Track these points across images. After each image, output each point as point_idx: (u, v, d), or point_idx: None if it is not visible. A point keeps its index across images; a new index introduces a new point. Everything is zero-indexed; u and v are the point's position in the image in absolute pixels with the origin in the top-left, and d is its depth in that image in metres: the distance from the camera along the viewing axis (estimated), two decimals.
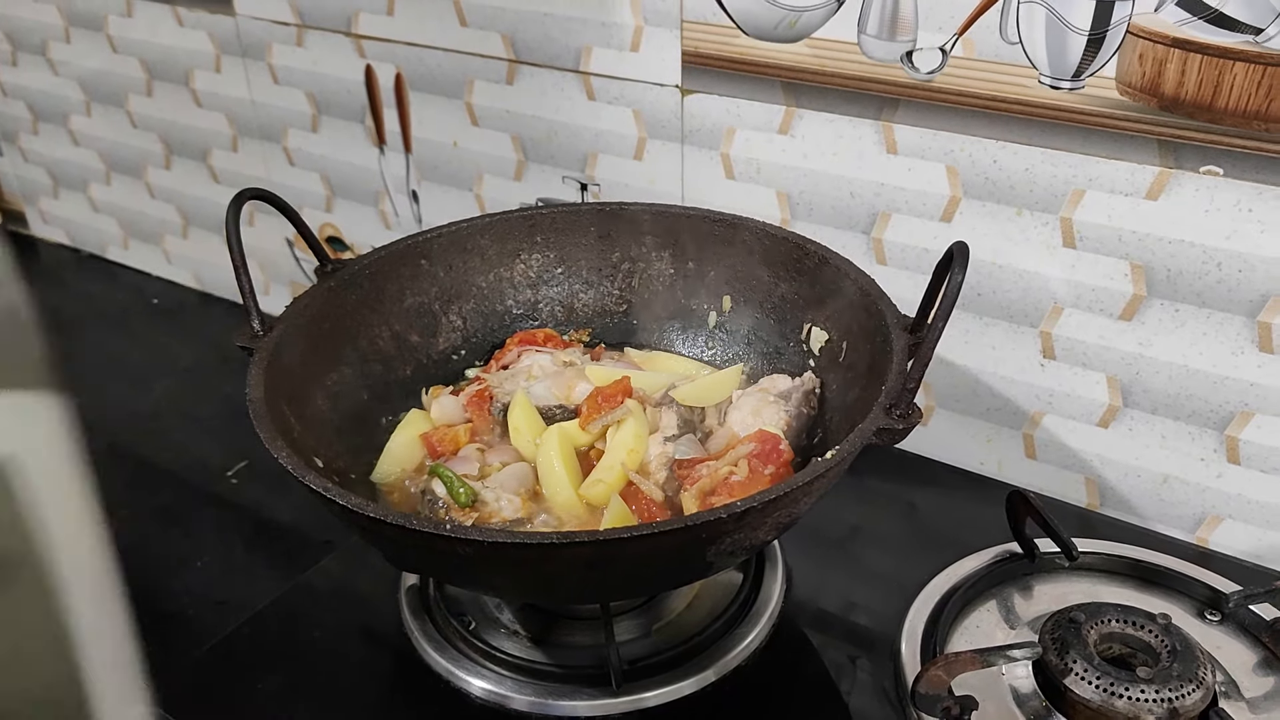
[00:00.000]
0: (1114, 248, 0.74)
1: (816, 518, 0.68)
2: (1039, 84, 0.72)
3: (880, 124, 0.79)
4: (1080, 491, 0.84)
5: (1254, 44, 0.64)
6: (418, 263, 0.80)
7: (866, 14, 0.76)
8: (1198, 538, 0.80)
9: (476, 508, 0.67)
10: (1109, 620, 0.65)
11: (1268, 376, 0.72)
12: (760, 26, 0.81)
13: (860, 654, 0.70)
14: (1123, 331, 0.76)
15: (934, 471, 0.89)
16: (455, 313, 0.82)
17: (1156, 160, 0.70)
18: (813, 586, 0.76)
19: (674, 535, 0.52)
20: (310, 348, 0.71)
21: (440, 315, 0.81)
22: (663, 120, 0.90)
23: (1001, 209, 0.77)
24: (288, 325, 0.69)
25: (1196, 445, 0.77)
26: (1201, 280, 0.72)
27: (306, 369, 0.70)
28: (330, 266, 0.75)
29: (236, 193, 0.69)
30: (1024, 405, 0.83)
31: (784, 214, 0.88)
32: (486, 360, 0.83)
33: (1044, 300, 0.79)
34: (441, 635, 0.70)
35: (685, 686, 0.66)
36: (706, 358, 0.83)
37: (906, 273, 0.83)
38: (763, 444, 0.68)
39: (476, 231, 0.82)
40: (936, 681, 0.61)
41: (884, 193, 0.82)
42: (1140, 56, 0.67)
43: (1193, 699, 0.59)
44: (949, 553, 0.75)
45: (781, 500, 0.54)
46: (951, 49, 0.74)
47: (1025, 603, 0.72)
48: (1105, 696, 0.60)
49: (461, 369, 0.82)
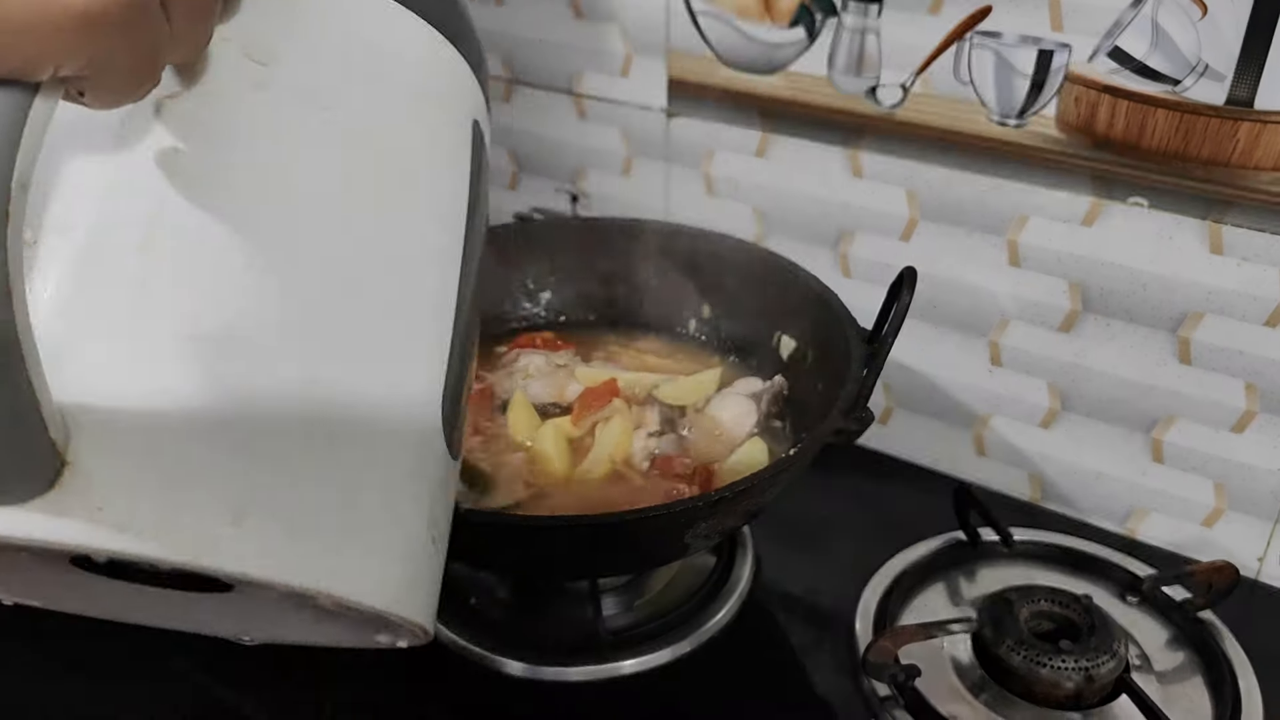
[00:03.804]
0: (1054, 268, 0.82)
1: (784, 508, 0.75)
2: (989, 120, 0.79)
3: (848, 150, 0.87)
4: (1025, 486, 0.92)
5: (1173, 93, 0.72)
6: None
7: (836, 52, 0.84)
8: (1127, 528, 0.88)
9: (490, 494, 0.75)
10: (1038, 600, 0.73)
11: (1186, 385, 0.80)
12: (739, 59, 0.89)
13: (820, 629, 0.78)
14: (1061, 343, 0.84)
15: (892, 467, 0.97)
16: None
17: (1090, 191, 0.78)
18: (779, 569, 0.83)
19: (656, 519, 0.60)
20: None
21: None
22: (649, 140, 0.97)
23: (955, 230, 0.85)
24: None
25: (1126, 445, 0.85)
26: (1130, 298, 0.80)
27: None
28: None
29: None
30: (974, 407, 0.92)
31: (759, 229, 0.95)
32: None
33: (992, 313, 0.87)
34: (443, 608, 0.77)
35: (663, 655, 0.73)
36: (687, 360, 0.91)
37: (869, 285, 0.91)
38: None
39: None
40: (884, 651, 0.69)
41: (850, 212, 0.89)
42: (1076, 99, 0.75)
43: (1106, 669, 0.68)
44: (903, 540, 0.82)
45: (750, 490, 0.61)
46: (911, 86, 0.82)
47: (968, 584, 0.80)
48: (1031, 666, 0.68)
49: None
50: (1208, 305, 0.76)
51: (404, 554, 0.35)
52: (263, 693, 0.72)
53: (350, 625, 0.38)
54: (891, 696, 0.69)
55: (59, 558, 0.33)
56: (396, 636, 0.40)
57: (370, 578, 0.33)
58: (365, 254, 0.34)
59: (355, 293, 0.33)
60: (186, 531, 0.28)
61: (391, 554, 0.34)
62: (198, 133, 0.31)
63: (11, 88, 0.25)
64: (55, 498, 0.27)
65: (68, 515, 0.27)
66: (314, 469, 0.32)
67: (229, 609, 0.39)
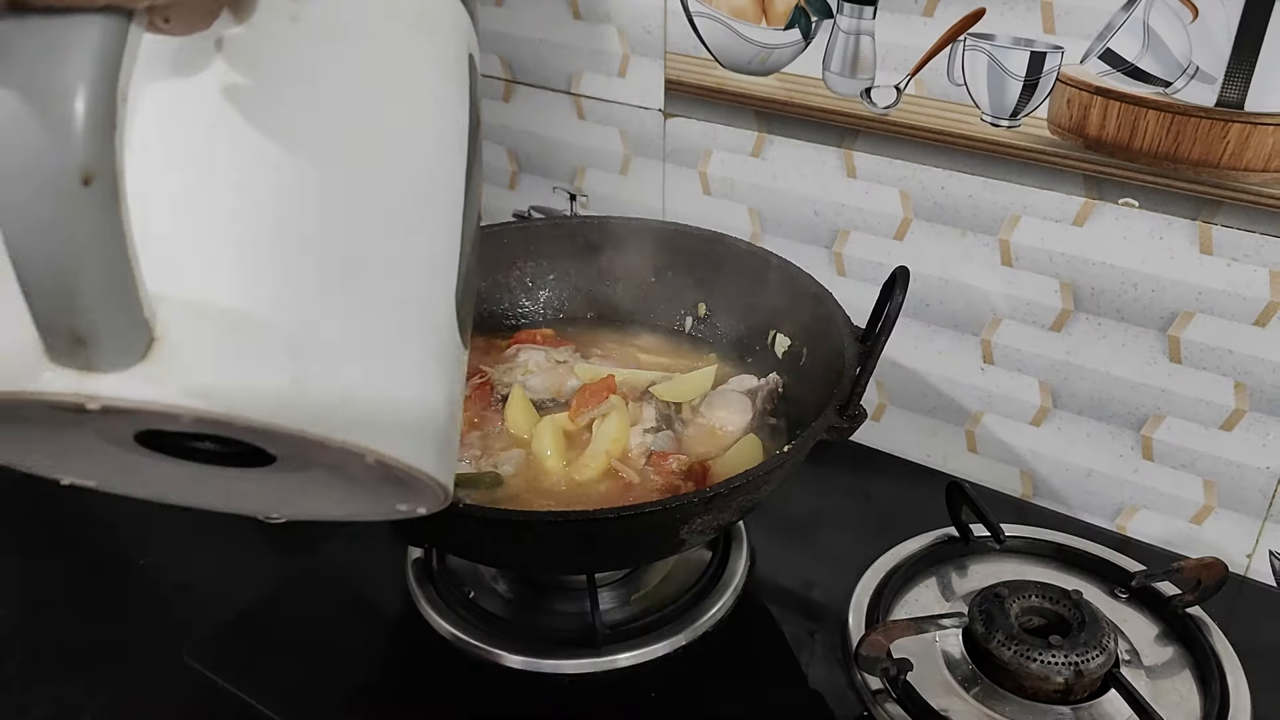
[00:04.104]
0: (1046, 267, 0.83)
1: (779, 503, 0.76)
2: (981, 121, 0.80)
3: (842, 151, 0.88)
4: (1016, 483, 0.94)
5: (1164, 95, 0.73)
6: None
7: (831, 54, 0.85)
8: (1117, 525, 0.89)
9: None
10: (1029, 595, 0.74)
11: (1176, 383, 0.81)
12: (736, 60, 0.90)
13: (813, 623, 0.79)
14: (1053, 341, 0.85)
15: (886, 463, 0.98)
16: None
17: (1082, 192, 0.79)
18: (773, 564, 0.84)
19: (652, 515, 0.61)
20: None
21: None
22: (646, 140, 0.98)
23: (948, 230, 0.86)
24: None
25: (1116, 443, 0.86)
26: (1120, 298, 0.81)
27: None
28: None
29: None
30: (966, 405, 0.93)
31: (755, 228, 0.96)
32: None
33: (984, 312, 0.88)
34: (444, 602, 0.78)
35: (659, 648, 0.74)
36: (683, 358, 0.92)
37: (863, 284, 0.92)
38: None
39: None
40: (876, 645, 0.69)
41: (844, 212, 0.90)
42: (1068, 101, 0.76)
43: (1096, 663, 0.69)
44: (895, 535, 0.83)
45: (744, 487, 0.62)
46: (905, 88, 0.83)
47: (960, 580, 0.81)
48: (1022, 661, 0.69)
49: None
50: (1197, 305, 0.77)
51: (434, 423, 0.40)
52: (263, 683, 0.73)
53: (375, 495, 0.43)
54: (884, 690, 0.70)
55: (125, 434, 0.39)
56: (416, 504, 0.44)
57: (409, 439, 0.38)
58: (389, 164, 0.40)
59: (383, 195, 0.39)
60: (259, 394, 0.34)
61: (424, 421, 0.39)
62: (245, 58, 0.37)
63: (116, 14, 0.29)
64: (148, 366, 0.32)
65: (160, 382, 0.32)
66: (359, 342, 0.37)
67: (264, 485, 0.44)
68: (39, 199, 0.29)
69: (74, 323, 0.31)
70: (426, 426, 0.39)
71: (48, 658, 0.77)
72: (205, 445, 0.40)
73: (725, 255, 0.88)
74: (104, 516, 0.91)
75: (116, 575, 0.85)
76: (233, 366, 0.33)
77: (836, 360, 0.73)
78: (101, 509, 0.92)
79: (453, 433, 0.42)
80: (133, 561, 0.86)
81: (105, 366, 0.32)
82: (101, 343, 0.31)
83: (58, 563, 0.86)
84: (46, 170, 0.29)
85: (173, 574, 0.84)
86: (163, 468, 0.42)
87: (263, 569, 0.84)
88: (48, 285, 0.30)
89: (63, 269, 0.30)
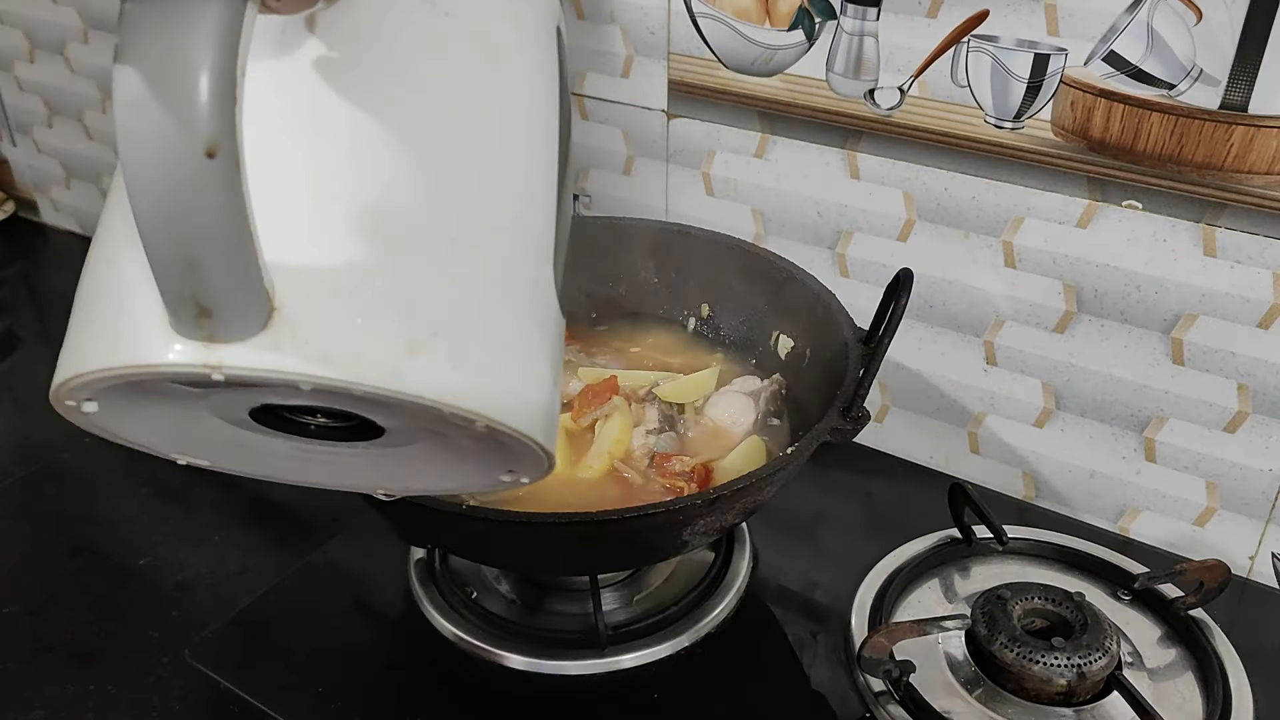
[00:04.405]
0: (1049, 269, 0.83)
1: (783, 505, 0.76)
2: (985, 123, 0.80)
3: (845, 152, 0.88)
4: (1018, 484, 0.94)
5: (1168, 97, 0.73)
6: None
7: (834, 55, 0.85)
8: (1119, 527, 0.89)
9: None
10: (1031, 597, 0.74)
11: (1179, 385, 0.81)
12: (739, 61, 0.90)
13: (816, 624, 0.79)
14: (1056, 343, 0.85)
15: (888, 464, 0.98)
16: None
17: (1085, 194, 0.79)
18: (776, 565, 0.84)
19: (655, 516, 0.61)
20: None
21: None
22: (650, 140, 0.98)
23: (951, 231, 0.86)
24: None
25: (1119, 445, 0.86)
26: (1123, 300, 0.81)
27: None
28: None
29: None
30: (969, 406, 0.93)
31: (758, 229, 0.96)
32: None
33: (987, 313, 0.88)
34: (447, 603, 0.78)
35: (662, 649, 0.75)
36: (686, 359, 0.92)
37: (866, 285, 0.92)
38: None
39: None
40: (879, 647, 0.69)
41: (847, 214, 0.90)
42: (1072, 103, 0.76)
43: (1098, 665, 0.69)
44: (898, 537, 0.83)
45: (747, 489, 0.62)
46: (909, 89, 0.82)
47: (963, 581, 0.81)
48: (1024, 663, 0.69)
49: None
50: (1201, 307, 0.77)
51: (539, 390, 0.41)
52: (264, 682, 0.73)
53: (480, 465, 0.44)
54: (886, 691, 0.70)
55: (240, 410, 0.40)
56: (520, 474, 0.45)
57: (514, 406, 0.39)
58: (488, 135, 0.41)
59: (481, 166, 0.40)
60: (374, 362, 0.34)
61: (531, 388, 0.40)
62: (344, 36, 0.38)
63: None
64: (269, 336, 0.33)
65: (281, 351, 0.33)
66: (467, 309, 0.38)
67: (373, 460, 0.45)
68: (167, 172, 0.30)
69: (199, 294, 0.32)
70: (533, 392, 0.40)
71: (49, 657, 0.77)
72: (316, 420, 0.41)
73: (728, 256, 0.88)
74: (105, 516, 0.91)
75: (117, 574, 0.85)
76: (349, 335, 0.34)
77: (839, 362, 0.73)
78: (102, 508, 0.92)
79: (555, 399, 0.43)
80: (134, 560, 0.86)
81: (229, 337, 0.33)
82: (225, 313, 0.32)
83: (59, 562, 0.86)
84: (173, 144, 0.30)
85: (174, 573, 0.84)
86: (274, 444, 0.43)
87: (264, 568, 0.84)
88: (174, 257, 0.31)
89: (189, 240, 0.31)
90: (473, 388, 0.37)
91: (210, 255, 0.31)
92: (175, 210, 0.30)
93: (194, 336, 0.33)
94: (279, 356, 0.33)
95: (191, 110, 0.30)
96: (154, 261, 0.31)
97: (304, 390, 0.34)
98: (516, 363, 0.40)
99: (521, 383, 0.40)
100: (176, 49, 0.30)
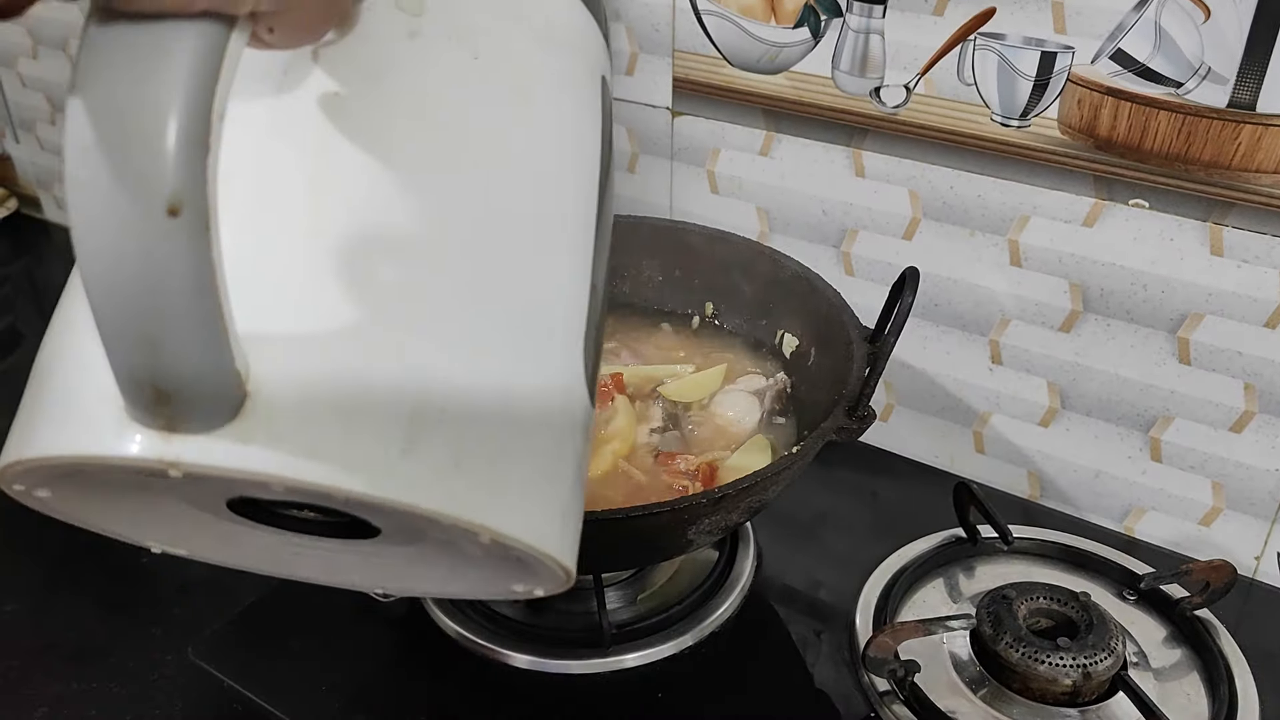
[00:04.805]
0: (1055, 268, 0.83)
1: (787, 504, 0.76)
2: (991, 121, 0.80)
3: (851, 150, 0.88)
4: (1023, 484, 0.93)
5: (1175, 95, 0.72)
6: None
7: (840, 52, 0.84)
8: (1125, 527, 0.89)
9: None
10: (1037, 597, 0.74)
11: (1185, 385, 0.81)
12: (744, 59, 0.89)
13: (820, 624, 0.79)
14: (1061, 342, 0.85)
15: (893, 463, 0.98)
16: None
17: (1092, 193, 0.79)
18: (781, 564, 0.84)
19: (660, 516, 0.61)
20: None
21: None
22: (654, 138, 0.98)
23: (957, 230, 0.86)
24: None
25: (1125, 444, 0.86)
26: (1130, 299, 0.80)
27: None
28: None
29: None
30: (974, 405, 0.92)
31: (763, 227, 0.96)
32: None
33: (993, 312, 0.87)
34: (450, 602, 0.78)
35: (666, 649, 0.74)
36: (690, 357, 0.91)
37: (871, 284, 0.92)
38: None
39: None
40: (884, 647, 0.69)
41: (853, 212, 0.90)
42: (1079, 101, 0.76)
43: (1104, 665, 0.68)
44: (903, 536, 0.83)
45: (753, 488, 0.62)
46: (915, 87, 0.82)
47: (968, 581, 0.81)
48: (1029, 663, 0.69)
49: None
50: (1207, 306, 0.77)
51: (556, 494, 0.35)
52: (268, 681, 0.73)
53: (489, 573, 0.39)
54: (891, 691, 0.70)
55: (217, 501, 0.35)
56: (534, 584, 0.39)
57: (529, 516, 0.34)
58: (515, 188, 0.36)
59: (507, 220, 0.35)
60: (360, 462, 0.29)
61: (545, 493, 0.35)
62: (358, 78, 0.34)
63: (214, 21, 0.26)
64: (239, 426, 0.28)
65: (252, 445, 0.28)
66: (476, 401, 0.33)
67: (370, 559, 0.40)
68: (120, 231, 0.25)
69: (156, 376, 0.27)
70: (548, 501, 0.35)
71: (51, 655, 0.77)
72: (304, 514, 0.36)
73: (733, 254, 0.88)
74: None
75: (120, 572, 0.85)
76: (334, 430, 0.29)
77: (845, 361, 0.72)
78: None
79: (576, 506, 0.38)
80: (136, 558, 0.86)
81: (191, 427, 0.28)
82: (187, 399, 0.28)
83: (61, 560, 0.86)
84: (129, 198, 0.25)
85: (177, 571, 0.84)
86: (259, 536, 0.38)
87: None
88: (127, 330, 0.27)
89: (144, 312, 0.26)
90: (477, 494, 0.32)
91: (169, 331, 0.26)
92: (128, 276, 0.26)
93: (150, 425, 0.28)
94: (248, 452, 0.28)
95: (152, 159, 0.25)
96: (104, 335, 0.27)
97: (278, 490, 0.30)
98: (532, 465, 0.34)
99: (535, 490, 0.34)
100: (140, 84, 0.25)
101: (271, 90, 0.33)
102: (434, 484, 0.31)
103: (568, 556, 0.36)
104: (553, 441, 0.35)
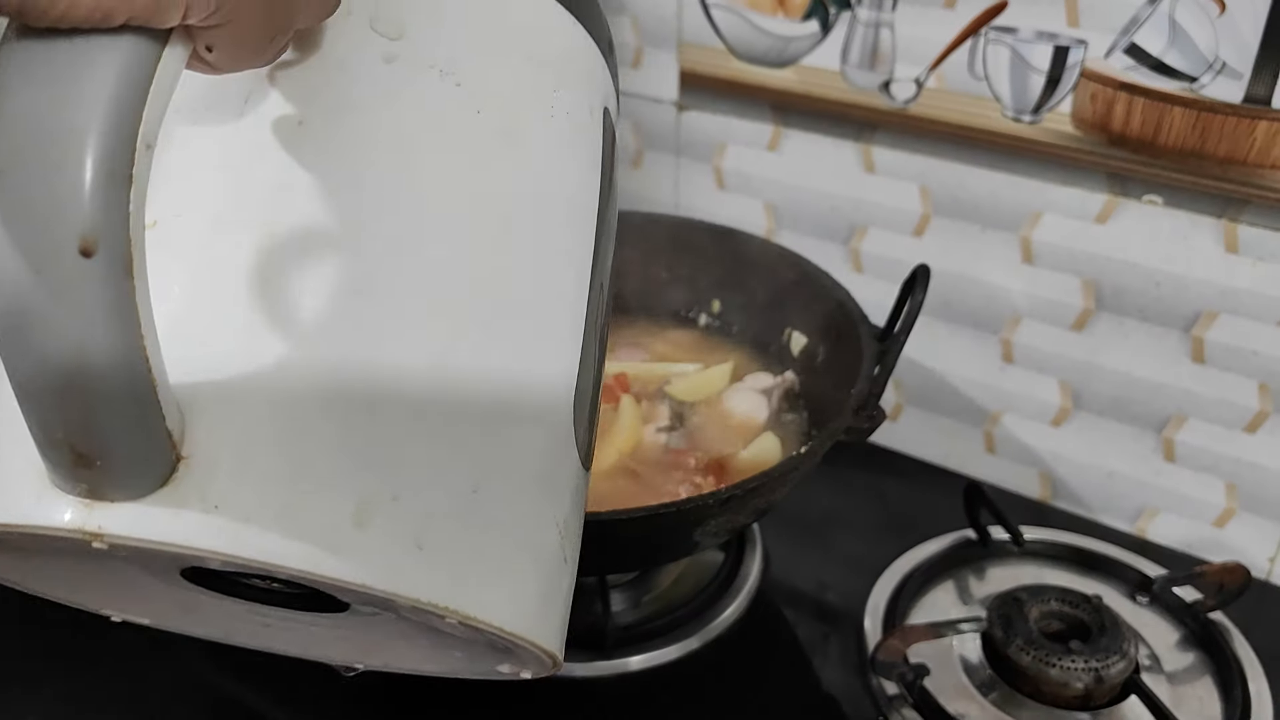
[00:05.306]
0: (1067, 265, 0.82)
1: (794, 504, 0.75)
2: (1002, 116, 0.79)
3: (860, 146, 0.87)
4: (1035, 484, 0.92)
5: (1190, 90, 0.71)
6: None
7: (849, 46, 0.83)
8: (1137, 528, 0.88)
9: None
10: (1048, 600, 0.73)
11: (1199, 384, 0.80)
12: (752, 52, 0.88)
13: (828, 626, 0.78)
14: (1074, 341, 0.84)
15: (903, 464, 0.97)
16: None
17: (1105, 189, 0.77)
18: (788, 566, 0.83)
19: (666, 516, 0.60)
20: None
21: None
22: (660, 133, 0.97)
23: (968, 226, 0.85)
24: None
25: (1138, 445, 0.85)
26: (1143, 297, 0.79)
27: None
28: None
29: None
30: (985, 405, 0.91)
31: (770, 224, 0.95)
32: None
33: (1004, 310, 0.86)
34: None
35: (670, 652, 0.73)
36: (697, 355, 0.90)
37: (881, 281, 0.91)
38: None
39: None
40: (894, 650, 0.68)
41: (862, 208, 0.89)
42: (1092, 96, 0.75)
43: (1116, 669, 0.67)
44: (912, 537, 0.82)
45: (760, 489, 0.61)
46: (925, 81, 0.81)
47: (978, 583, 0.80)
48: (1041, 666, 0.68)
49: None
50: (1222, 305, 0.76)
51: (537, 572, 0.32)
52: (267, 681, 0.72)
53: (471, 653, 0.35)
54: (900, 695, 0.69)
55: (169, 569, 0.32)
56: (521, 666, 0.36)
57: (502, 597, 0.31)
58: (494, 234, 0.33)
59: (482, 273, 0.32)
60: (307, 534, 0.26)
61: (524, 571, 0.32)
62: (323, 104, 0.30)
63: (140, 35, 0.23)
64: (169, 493, 0.26)
65: (182, 513, 0.26)
66: (443, 469, 0.29)
67: (340, 633, 0.37)
68: (26, 270, 0.22)
69: (74, 437, 0.24)
70: (526, 578, 0.32)
71: (51, 655, 0.76)
72: (266, 584, 0.33)
73: (740, 251, 0.87)
74: None
75: None
76: (279, 497, 0.27)
77: (854, 359, 0.71)
78: None
79: (564, 581, 0.34)
80: None
81: (116, 494, 0.25)
82: (111, 464, 0.25)
83: None
84: (38, 234, 0.22)
85: None
86: (223, 605, 0.35)
87: None
88: (41, 387, 0.23)
89: (55, 365, 0.23)
90: (441, 572, 0.28)
91: (86, 386, 0.23)
92: (37, 322, 0.23)
93: (72, 491, 0.25)
94: (180, 522, 0.25)
95: (64, 189, 0.22)
96: (16, 389, 0.24)
97: (214, 563, 0.27)
98: (509, 536, 0.31)
99: (514, 564, 0.31)
100: (57, 103, 0.22)
101: (230, 118, 0.30)
102: (391, 560, 0.27)
103: (551, 640, 0.33)
104: (533, 508, 0.32)
